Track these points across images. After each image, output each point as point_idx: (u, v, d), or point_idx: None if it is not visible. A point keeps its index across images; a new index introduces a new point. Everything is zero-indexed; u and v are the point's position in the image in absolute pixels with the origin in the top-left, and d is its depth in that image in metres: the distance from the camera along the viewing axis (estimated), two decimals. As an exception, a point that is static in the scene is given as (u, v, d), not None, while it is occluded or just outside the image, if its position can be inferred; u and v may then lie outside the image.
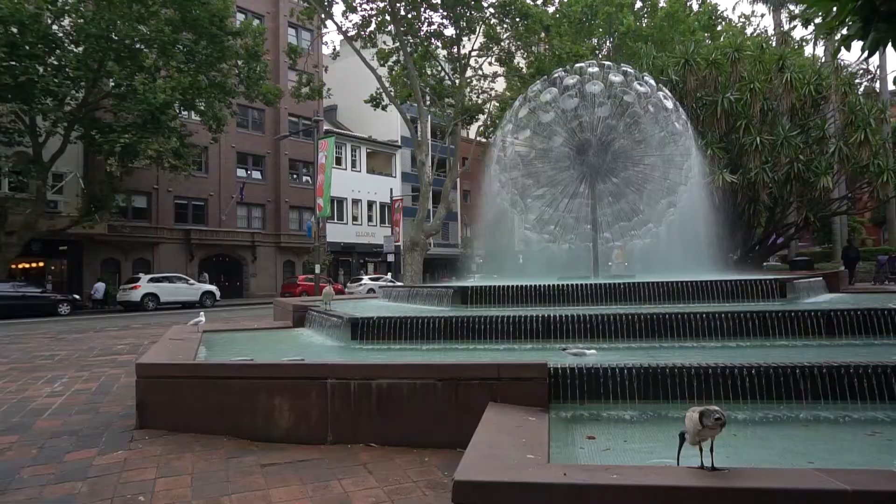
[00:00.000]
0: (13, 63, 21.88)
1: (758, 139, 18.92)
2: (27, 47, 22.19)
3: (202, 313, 9.25)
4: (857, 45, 3.40)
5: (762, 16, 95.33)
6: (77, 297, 27.38)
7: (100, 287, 30.02)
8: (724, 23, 37.04)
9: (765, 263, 26.23)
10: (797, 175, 19.31)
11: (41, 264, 30.75)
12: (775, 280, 8.00)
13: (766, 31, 39.55)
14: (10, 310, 23.17)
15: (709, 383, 4.35)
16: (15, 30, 21.86)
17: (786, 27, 35.77)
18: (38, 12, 22.13)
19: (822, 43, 28.92)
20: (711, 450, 2.80)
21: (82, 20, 23.53)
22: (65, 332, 16.09)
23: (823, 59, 26.32)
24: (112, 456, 4.48)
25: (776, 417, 4.21)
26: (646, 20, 35.56)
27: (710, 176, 17.16)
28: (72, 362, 9.66)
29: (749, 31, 36.94)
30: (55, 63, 23.80)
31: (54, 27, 23.74)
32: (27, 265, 30.08)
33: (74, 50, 23.93)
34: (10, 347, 12.21)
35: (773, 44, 27.90)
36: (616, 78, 11.27)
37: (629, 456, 3.64)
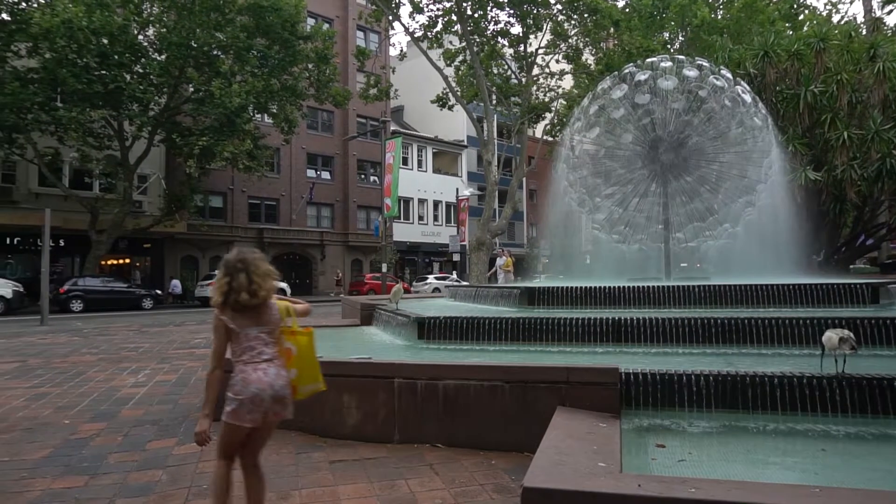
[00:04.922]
0: (104, 72, 23.38)
1: (845, 134, 17.77)
2: (116, 57, 23.60)
3: None
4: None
5: (850, 2, 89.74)
6: (159, 291, 28.91)
7: (176, 284, 31.56)
8: (807, 11, 35.01)
9: (852, 266, 24.65)
10: (889, 172, 18.02)
11: (127, 261, 32.64)
12: (866, 284, 7.46)
13: (854, 18, 37.19)
14: (99, 303, 24.81)
15: (793, 394, 4.09)
16: (105, 41, 23.28)
17: (878, 13, 33.44)
18: (126, 23, 23.47)
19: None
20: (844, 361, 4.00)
21: (165, 30, 24.83)
22: (148, 325, 16.96)
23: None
24: (190, 446, 4.65)
25: (871, 434, 3.91)
26: (721, 12, 34.07)
27: (791, 173, 16.27)
28: (153, 355, 10.17)
29: (835, 19, 34.80)
30: (140, 71, 25.23)
31: (140, 37, 25.13)
32: (115, 262, 31.98)
33: (158, 58, 25.27)
34: (98, 339, 12.97)
35: (864, 32, 26.11)
36: (690, 72, 10.84)
37: (705, 468, 3.47)
